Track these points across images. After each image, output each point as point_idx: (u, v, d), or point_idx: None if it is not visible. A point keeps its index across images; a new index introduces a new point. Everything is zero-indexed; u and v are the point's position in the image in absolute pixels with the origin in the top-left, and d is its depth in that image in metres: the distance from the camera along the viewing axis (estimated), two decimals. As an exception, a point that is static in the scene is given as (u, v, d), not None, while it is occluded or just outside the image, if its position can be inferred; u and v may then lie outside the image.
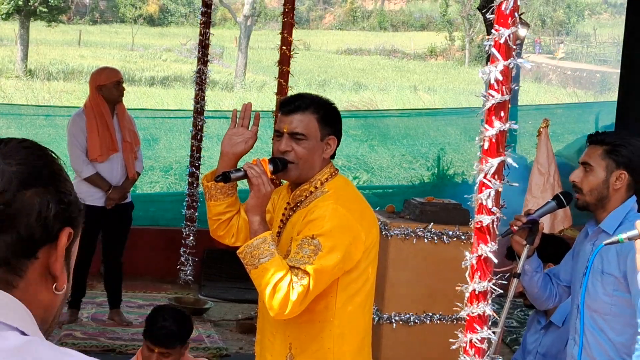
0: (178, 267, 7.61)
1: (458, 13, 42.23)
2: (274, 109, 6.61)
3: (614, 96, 7.50)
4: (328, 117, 2.89)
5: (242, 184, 3.35)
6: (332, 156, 2.93)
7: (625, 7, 6.72)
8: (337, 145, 2.92)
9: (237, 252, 2.77)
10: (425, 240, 5.58)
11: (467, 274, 3.00)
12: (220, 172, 2.91)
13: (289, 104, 2.89)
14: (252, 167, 2.77)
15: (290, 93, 6.49)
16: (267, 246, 2.70)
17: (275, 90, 6.68)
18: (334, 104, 2.94)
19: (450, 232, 5.61)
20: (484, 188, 2.90)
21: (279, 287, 2.66)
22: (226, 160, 2.94)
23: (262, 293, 2.71)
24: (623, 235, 2.24)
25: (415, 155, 10.56)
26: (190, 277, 7.63)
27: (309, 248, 2.71)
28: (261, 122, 3.09)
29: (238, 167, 2.86)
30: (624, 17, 6.86)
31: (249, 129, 2.98)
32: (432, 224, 5.61)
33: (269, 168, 2.81)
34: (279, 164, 2.84)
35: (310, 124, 2.85)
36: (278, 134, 2.89)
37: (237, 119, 2.98)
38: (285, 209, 2.94)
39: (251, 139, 2.95)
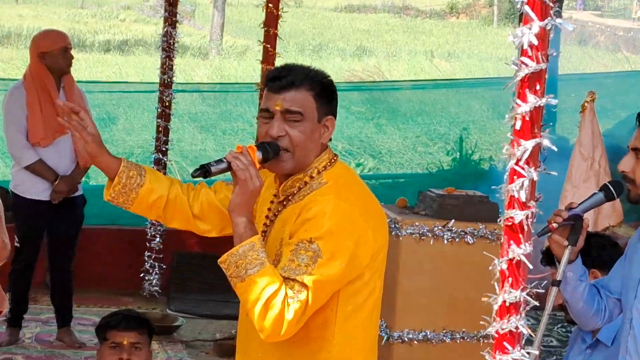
0: (142, 275, 7.63)
1: (484, -39, 42.20)
2: (259, 80, 6.66)
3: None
4: (325, 94, 2.93)
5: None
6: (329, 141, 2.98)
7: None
8: (334, 127, 2.98)
9: (219, 261, 2.79)
10: (445, 241, 5.61)
11: (495, 281, 3.01)
12: (109, 179, 3.01)
13: (279, 79, 2.91)
14: (237, 158, 2.78)
15: (278, 61, 6.47)
16: (256, 254, 2.72)
17: (260, 58, 6.64)
18: (329, 77, 2.99)
19: (475, 231, 5.64)
20: (515, 177, 2.90)
21: (272, 304, 2.68)
22: (98, 165, 3.01)
23: (250, 311, 2.73)
24: None
25: (433, 137, 10.48)
26: (156, 288, 7.66)
27: (306, 254, 2.74)
28: (244, 97, 3.15)
29: (220, 158, 2.86)
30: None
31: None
32: (452, 220, 5.62)
33: (257, 157, 2.82)
34: (270, 150, 2.85)
35: (306, 103, 2.88)
36: (266, 115, 2.90)
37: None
38: (273, 202, 2.97)
39: (83, 130, 2.96)
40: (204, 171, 2.81)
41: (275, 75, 2.94)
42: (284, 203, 2.93)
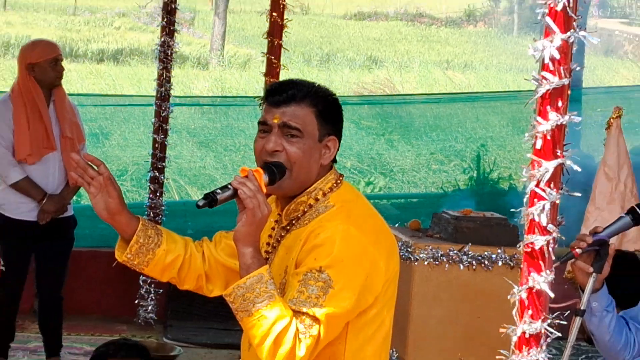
0: (137, 301, 7.64)
1: (504, -35, 42.23)
2: (262, 93, 6.72)
3: None
4: (328, 112, 2.99)
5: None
6: (334, 161, 3.03)
7: None
8: (338, 149, 3.01)
9: (224, 294, 2.82)
10: (461, 266, 5.63)
11: (514, 312, 2.99)
12: (121, 238, 2.99)
13: (279, 93, 2.96)
14: (244, 184, 2.80)
15: (283, 74, 6.59)
16: (265, 286, 2.75)
17: (264, 70, 6.73)
18: (334, 95, 3.03)
19: (494, 256, 5.65)
20: (536, 200, 2.88)
21: (283, 341, 2.71)
22: (115, 223, 2.96)
23: (258, 347, 2.75)
24: None
25: (448, 154, 10.55)
26: (152, 315, 7.68)
27: (316, 285, 2.77)
28: (246, 111, 3.14)
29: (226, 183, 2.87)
30: None
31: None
32: (469, 244, 5.65)
33: (264, 180, 2.85)
34: (276, 171, 2.90)
35: (307, 120, 2.94)
36: (264, 129, 2.96)
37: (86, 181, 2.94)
38: (273, 229, 3.02)
39: (110, 185, 2.92)
40: (210, 201, 2.81)
41: (276, 88, 3.00)
42: (287, 228, 2.97)
